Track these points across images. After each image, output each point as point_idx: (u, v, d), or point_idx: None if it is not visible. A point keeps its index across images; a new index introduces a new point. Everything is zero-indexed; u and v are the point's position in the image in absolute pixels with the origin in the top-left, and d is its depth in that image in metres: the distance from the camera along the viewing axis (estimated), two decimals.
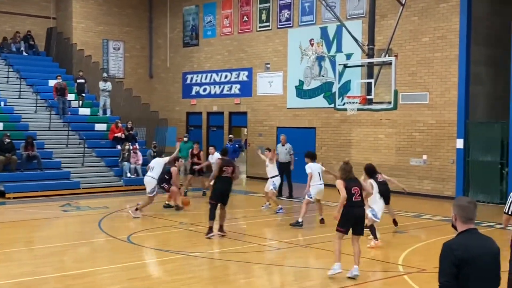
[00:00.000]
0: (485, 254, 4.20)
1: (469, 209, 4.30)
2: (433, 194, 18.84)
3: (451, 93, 18.55)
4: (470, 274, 4.11)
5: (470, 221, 4.30)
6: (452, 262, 4.11)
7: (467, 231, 4.27)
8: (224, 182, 12.16)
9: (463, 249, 4.14)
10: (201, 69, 26.76)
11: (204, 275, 9.64)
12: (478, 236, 4.29)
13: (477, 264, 4.13)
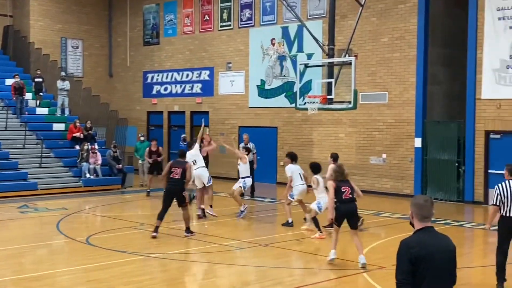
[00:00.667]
0: (441, 252, 4.28)
1: (426, 208, 4.37)
2: (392, 192, 19.12)
3: (410, 93, 18.86)
4: (426, 271, 4.18)
5: (426, 219, 4.37)
6: (409, 259, 4.18)
7: (423, 229, 4.35)
8: (171, 183, 12.19)
9: (420, 247, 4.21)
10: (162, 68, 26.56)
11: (164, 276, 9.57)
12: (434, 234, 4.36)
13: (432, 262, 4.20)
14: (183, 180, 12.12)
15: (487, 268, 10.27)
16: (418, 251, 4.19)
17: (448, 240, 4.43)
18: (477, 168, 17.56)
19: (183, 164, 12.29)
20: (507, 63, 16.85)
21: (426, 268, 4.18)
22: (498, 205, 8.48)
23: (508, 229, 8.61)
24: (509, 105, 16.89)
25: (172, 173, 12.14)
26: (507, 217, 8.49)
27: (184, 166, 12.20)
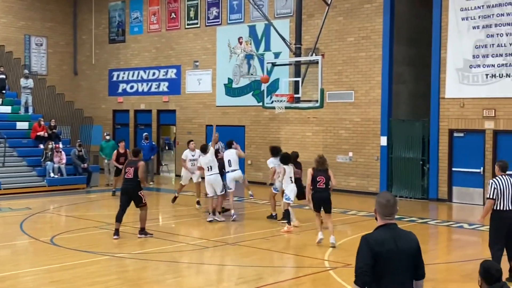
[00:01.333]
0: (401, 248, 4.38)
1: (388, 205, 4.48)
2: (359, 190, 19.30)
3: (375, 92, 19.05)
4: (385, 267, 4.31)
5: (389, 217, 4.47)
6: (368, 254, 4.31)
7: (385, 226, 4.46)
8: (125, 183, 12.13)
9: (379, 243, 4.34)
10: (128, 66, 26.29)
11: (130, 276, 9.46)
12: (395, 231, 4.46)
13: (391, 258, 4.33)
14: (137, 179, 11.93)
15: (451, 264, 10.44)
16: (377, 248, 4.32)
17: (410, 236, 4.52)
18: (441, 166, 17.84)
19: (136, 163, 12.10)
20: (470, 63, 17.15)
21: (385, 264, 4.31)
22: (494, 198, 8.80)
23: (503, 222, 8.85)
24: (472, 104, 17.19)
25: (126, 173, 12.04)
26: (502, 211, 8.80)
27: (136, 165, 12.01)
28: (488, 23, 16.84)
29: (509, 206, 8.82)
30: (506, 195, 8.79)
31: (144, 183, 12.17)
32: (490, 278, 4.88)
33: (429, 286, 8.99)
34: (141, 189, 12.08)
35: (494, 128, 16.82)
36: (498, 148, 16.85)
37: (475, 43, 17.07)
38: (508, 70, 16.51)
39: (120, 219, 12.00)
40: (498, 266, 4.94)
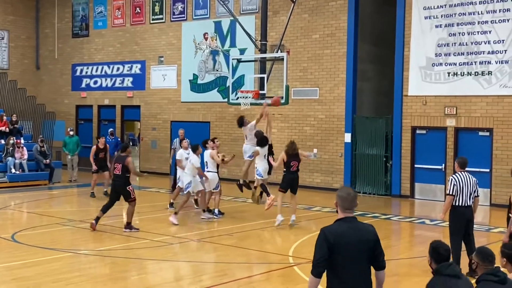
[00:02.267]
0: (357, 240, 4.63)
1: (348, 200, 4.75)
2: (323, 186, 19.45)
3: (340, 89, 19.22)
4: (342, 258, 4.58)
5: (348, 210, 4.76)
6: (325, 245, 4.57)
7: (344, 219, 4.74)
8: (114, 179, 12.35)
9: (336, 235, 4.61)
10: (91, 61, 25.93)
11: (93, 273, 9.36)
12: (354, 224, 4.72)
13: (347, 250, 4.60)
14: (125, 175, 12.08)
15: (413, 259, 10.62)
16: (334, 239, 4.58)
17: (368, 228, 4.78)
18: (403, 163, 18.11)
19: (123, 159, 12.16)
20: (433, 61, 17.44)
21: (342, 255, 4.58)
22: (454, 194, 9.03)
23: (463, 218, 9.08)
24: (434, 102, 17.50)
25: (114, 169, 12.21)
26: (461, 207, 9.04)
27: (124, 161, 12.10)
28: (450, 22, 17.15)
29: (467, 202, 9.06)
30: (465, 191, 9.01)
31: (140, 176, 12.27)
32: (439, 257, 5.03)
33: (392, 281, 9.14)
34: (130, 184, 12.20)
35: (456, 126, 17.15)
36: (459, 145, 17.20)
37: (437, 42, 17.36)
38: (469, 69, 16.85)
39: (105, 210, 12.26)
40: (446, 246, 5.09)
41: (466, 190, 9.03)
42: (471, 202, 9.14)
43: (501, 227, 13.38)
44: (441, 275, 4.97)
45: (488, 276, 5.15)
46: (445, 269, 4.97)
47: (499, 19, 16.37)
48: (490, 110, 16.61)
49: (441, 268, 4.99)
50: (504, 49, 16.30)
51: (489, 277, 5.14)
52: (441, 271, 4.97)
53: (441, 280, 4.95)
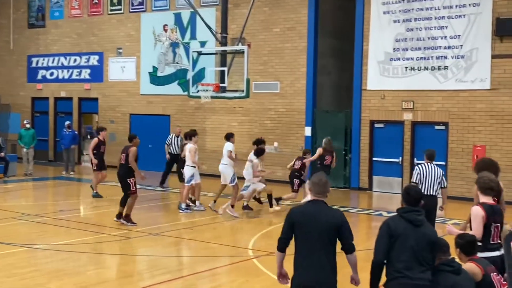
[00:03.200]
0: (319, 221, 5.10)
1: (320, 184, 5.29)
2: (284, 180, 19.45)
3: (300, 82, 19.29)
4: (303, 235, 5.12)
5: (318, 195, 5.28)
6: (289, 223, 5.19)
7: (313, 201, 5.27)
8: (119, 167, 12.21)
9: (298, 214, 5.19)
10: (48, 52, 25.37)
11: (49, 267, 9.17)
12: (321, 207, 5.20)
13: (310, 228, 5.09)
14: (127, 164, 11.94)
15: (370, 251, 10.73)
16: (296, 218, 5.17)
17: (335, 213, 5.30)
18: (362, 156, 18.32)
19: (127, 149, 12.10)
20: (391, 56, 17.65)
21: (303, 233, 5.12)
22: (417, 182, 9.46)
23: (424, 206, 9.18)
24: (392, 96, 17.72)
25: (120, 158, 12.17)
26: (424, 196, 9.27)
27: (127, 151, 12.02)
28: (408, 17, 17.38)
29: (429, 191, 9.43)
30: (428, 180, 9.42)
31: (136, 170, 12.02)
32: (408, 197, 5.28)
33: (349, 272, 9.23)
34: (132, 176, 12.00)
35: (412, 120, 17.42)
36: (416, 138, 17.48)
37: (395, 37, 17.58)
38: (426, 64, 17.12)
39: (123, 204, 12.08)
40: (419, 189, 5.40)
41: (429, 180, 9.44)
42: (434, 192, 9.54)
43: (456, 219, 13.67)
44: (399, 216, 5.23)
45: (443, 267, 5.26)
46: (404, 212, 5.22)
47: (456, 15, 16.67)
48: (446, 104, 16.92)
49: (401, 210, 5.26)
50: (460, 44, 16.61)
51: (444, 267, 5.25)
52: (400, 212, 5.25)
53: (397, 218, 5.20)
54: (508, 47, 15.98)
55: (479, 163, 7.64)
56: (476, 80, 16.41)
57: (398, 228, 5.11)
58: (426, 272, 5.07)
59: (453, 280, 5.18)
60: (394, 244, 5.08)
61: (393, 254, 5.10)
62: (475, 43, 16.36)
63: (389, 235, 5.10)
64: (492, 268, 5.56)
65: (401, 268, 5.03)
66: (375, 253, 5.16)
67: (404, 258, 5.03)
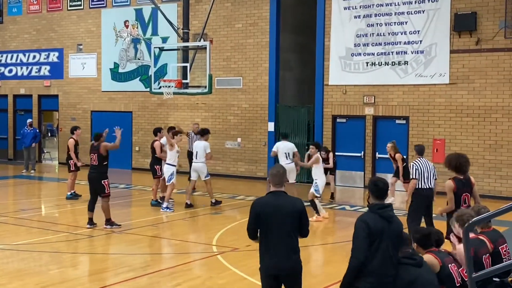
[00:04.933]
0: (280, 210, 5.41)
1: (278, 175, 5.57)
2: (247, 175, 19.56)
3: (263, 78, 19.34)
4: (267, 224, 5.40)
5: (277, 185, 5.56)
6: (253, 215, 5.47)
7: (273, 192, 5.57)
8: (90, 170, 11.73)
9: (261, 205, 5.50)
10: (6, 48, 24.83)
11: (8, 268, 9.01)
12: (281, 197, 5.52)
13: (272, 217, 5.39)
14: (102, 163, 11.46)
15: (334, 244, 10.87)
16: (259, 209, 5.46)
17: (294, 202, 5.56)
18: None
19: (98, 148, 11.52)
20: (352, 51, 17.84)
21: (266, 221, 5.41)
22: (418, 178, 9.72)
23: (425, 198, 9.78)
24: (353, 91, 17.92)
25: (91, 160, 11.63)
26: (424, 189, 9.74)
27: (99, 150, 11.48)
28: (369, 13, 17.58)
29: (429, 185, 9.76)
30: (426, 175, 9.73)
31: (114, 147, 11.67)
32: (379, 191, 5.27)
33: (314, 266, 9.35)
34: (106, 177, 11.52)
35: (374, 114, 17.65)
36: (377, 133, 17.72)
37: (356, 32, 17.77)
38: (386, 59, 17.35)
39: (91, 208, 11.54)
40: (385, 180, 5.45)
41: (427, 174, 9.75)
42: (433, 185, 9.85)
43: None
44: (372, 212, 5.20)
45: (405, 260, 5.36)
46: (377, 208, 5.20)
47: (415, 10, 16.94)
48: (406, 99, 17.20)
49: (375, 207, 5.22)
50: (419, 40, 16.89)
51: (406, 261, 5.35)
52: (375, 209, 5.21)
53: (372, 216, 5.16)
54: (466, 42, 16.32)
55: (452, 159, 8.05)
56: (435, 75, 16.72)
57: (377, 226, 5.07)
58: (394, 268, 5.15)
59: (416, 273, 5.27)
60: (373, 242, 5.04)
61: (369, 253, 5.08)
62: (434, 39, 16.66)
63: (368, 233, 5.02)
64: (450, 259, 5.69)
65: (376, 266, 5.04)
66: (357, 253, 5.03)
67: (379, 255, 5.05)
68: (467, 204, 7.81)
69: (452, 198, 7.92)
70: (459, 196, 7.92)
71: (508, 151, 15.88)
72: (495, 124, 16.06)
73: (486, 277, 5.04)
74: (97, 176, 11.50)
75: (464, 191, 7.95)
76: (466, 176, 8.08)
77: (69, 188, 14.97)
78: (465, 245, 4.50)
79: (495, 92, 16.05)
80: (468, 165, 8.16)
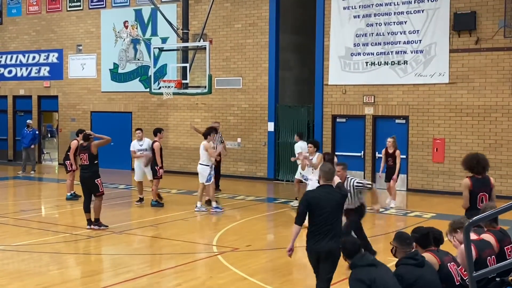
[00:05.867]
0: (328, 200, 6.46)
1: (329, 173, 6.64)
2: (247, 175, 19.55)
3: (263, 78, 19.34)
4: (315, 211, 6.41)
5: (328, 180, 6.62)
6: (305, 204, 6.51)
7: (323, 186, 6.62)
8: (81, 170, 11.68)
9: (312, 196, 6.58)
10: (5, 49, 24.84)
11: (9, 268, 9.02)
12: (328, 190, 6.57)
13: (322, 206, 6.40)
14: (93, 162, 11.38)
15: None
16: (310, 198, 6.50)
17: (337, 194, 6.60)
18: (325, 151, 18.41)
19: (89, 148, 11.44)
20: (352, 51, 17.84)
21: (314, 209, 6.42)
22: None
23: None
24: (353, 91, 17.92)
25: (81, 160, 11.59)
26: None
27: (89, 150, 11.39)
28: (368, 12, 17.58)
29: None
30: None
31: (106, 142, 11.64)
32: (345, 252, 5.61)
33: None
34: (99, 176, 11.48)
35: (373, 114, 17.66)
36: (377, 132, 17.72)
37: (355, 32, 17.76)
38: (386, 58, 17.35)
39: (88, 209, 11.50)
40: (353, 238, 5.91)
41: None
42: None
43: (417, 211, 13.94)
44: (358, 267, 5.26)
45: (407, 260, 5.35)
46: (359, 261, 5.30)
47: (414, 10, 16.93)
48: (406, 98, 17.20)
49: (356, 261, 5.34)
50: (419, 39, 16.89)
51: (408, 261, 5.34)
52: (356, 263, 5.34)
53: (360, 271, 5.20)
54: (466, 41, 16.32)
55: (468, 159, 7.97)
56: (435, 75, 16.72)
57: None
58: None
59: (418, 272, 5.26)
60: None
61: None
62: (434, 38, 16.66)
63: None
64: (449, 258, 5.69)
65: None
66: None
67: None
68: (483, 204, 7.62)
69: (467, 196, 7.79)
70: (475, 196, 7.77)
71: (508, 150, 15.88)
72: (495, 124, 16.06)
73: (486, 276, 5.04)
74: (90, 176, 11.45)
75: (482, 191, 7.80)
76: (485, 176, 7.93)
77: (68, 188, 14.97)
78: (465, 244, 4.50)
79: (494, 92, 16.05)
80: (485, 165, 7.98)
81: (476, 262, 5.44)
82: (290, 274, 8.70)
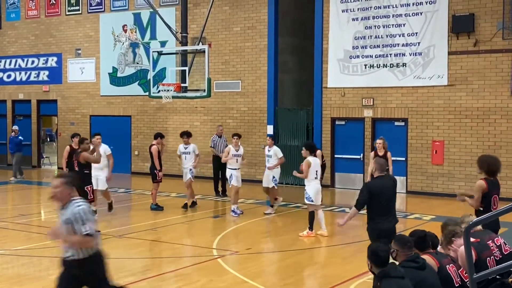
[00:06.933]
0: (386, 188, 7.74)
1: (383, 166, 7.87)
2: (246, 178, 19.48)
3: (262, 81, 19.36)
4: (377, 199, 7.59)
5: (383, 172, 7.78)
6: (366, 191, 7.68)
7: (379, 176, 7.76)
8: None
9: (372, 185, 7.82)
10: (4, 54, 24.85)
11: (9, 273, 9.01)
12: (385, 179, 7.84)
13: (380, 194, 7.62)
14: (83, 171, 11.34)
15: (333, 247, 10.86)
16: (370, 187, 7.72)
17: (392, 181, 7.95)
18: (324, 153, 18.42)
19: (78, 154, 11.47)
20: (350, 54, 17.86)
21: (377, 197, 7.59)
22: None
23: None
24: (352, 94, 17.93)
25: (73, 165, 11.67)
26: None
27: (79, 156, 11.40)
28: (366, 15, 17.60)
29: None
30: None
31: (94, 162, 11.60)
32: (378, 259, 5.19)
33: (314, 268, 9.35)
34: (90, 183, 11.46)
35: (373, 116, 17.67)
36: (376, 135, 17.70)
37: (354, 35, 17.79)
38: (384, 61, 17.37)
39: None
40: (385, 247, 5.31)
41: None
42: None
43: (416, 213, 13.94)
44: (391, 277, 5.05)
45: (408, 263, 5.33)
46: (394, 271, 5.09)
47: (413, 12, 16.96)
48: (405, 101, 17.21)
49: (390, 271, 5.09)
50: (417, 42, 16.91)
51: (409, 264, 5.32)
52: (390, 274, 5.07)
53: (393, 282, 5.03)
54: (464, 43, 16.35)
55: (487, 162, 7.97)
56: (433, 77, 16.74)
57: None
58: None
59: (419, 276, 5.25)
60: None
61: None
62: (432, 40, 16.68)
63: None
64: (448, 260, 5.69)
65: None
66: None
67: None
68: (496, 206, 7.72)
69: (479, 198, 7.72)
70: (489, 198, 7.76)
71: (507, 152, 15.89)
72: (494, 125, 16.08)
73: (486, 277, 5.04)
74: (80, 182, 11.13)
75: (495, 193, 7.86)
76: (496, 178, 8.02)
77: None
78: (465, 245, 4.50)
79: (493, 93, 16.06)
80: (500, 167, 8.14)
81: (476, 263, 5.43)
82: (290, 277, 8.69)
